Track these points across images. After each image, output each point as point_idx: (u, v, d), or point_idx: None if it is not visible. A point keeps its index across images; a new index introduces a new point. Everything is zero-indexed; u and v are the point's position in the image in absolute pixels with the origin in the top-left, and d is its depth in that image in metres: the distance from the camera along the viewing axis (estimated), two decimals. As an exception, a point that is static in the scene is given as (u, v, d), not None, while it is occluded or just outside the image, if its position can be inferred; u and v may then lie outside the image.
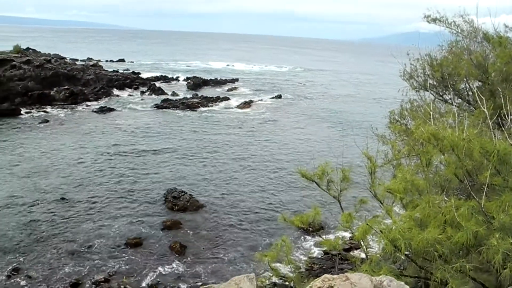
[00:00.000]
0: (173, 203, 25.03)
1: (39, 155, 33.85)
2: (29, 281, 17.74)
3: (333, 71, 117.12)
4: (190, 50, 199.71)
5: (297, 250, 20.61)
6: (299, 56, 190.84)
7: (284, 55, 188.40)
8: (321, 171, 9.53)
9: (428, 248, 5.71)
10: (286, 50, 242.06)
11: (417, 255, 6.26)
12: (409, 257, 6.59)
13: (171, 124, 46.86)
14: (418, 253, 6.10)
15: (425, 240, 5.58)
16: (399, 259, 8.24)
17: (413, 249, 5.88)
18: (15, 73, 57.14)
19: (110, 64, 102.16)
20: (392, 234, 5.88)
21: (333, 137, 43.39)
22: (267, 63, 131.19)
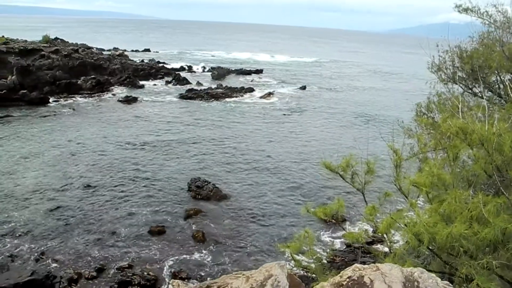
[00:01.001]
0: (196, 192, 25.25)
1: (66, 143, 34.58)
2: (56, 264, 18.22)
3: (359, 63, 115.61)
4: (214, 40, 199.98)
5: (319, 242, 20.56)
6: (325, 47, 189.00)
7: (310, 46, 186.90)
8: (346, 163, 9.44)
9: (453, 244, 5.61)
10: (311, 41, 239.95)
11: (441, 250, 6.16)
12: (433, 251, 6.49)
13: (195, 114, 47.14)
14: (443, 248, 6.00)
15: (450, 235, 5.48)
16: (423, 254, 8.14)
17: (438, 244, 5.79)
18: (44, 62, 58.38)
19: (136, 54, 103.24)
20: (416, 228, 5.80)
21: (358, 129, 42.94)
22: (292, 54, 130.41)
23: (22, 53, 59.33)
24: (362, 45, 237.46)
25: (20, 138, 35.48)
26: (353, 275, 4.60)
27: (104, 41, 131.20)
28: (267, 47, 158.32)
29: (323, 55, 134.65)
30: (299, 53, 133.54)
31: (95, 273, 17.62)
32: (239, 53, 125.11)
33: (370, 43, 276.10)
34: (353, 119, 47.72)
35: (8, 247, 19.37)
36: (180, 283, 5.01)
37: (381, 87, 74.24)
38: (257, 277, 4.51)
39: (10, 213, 22.50)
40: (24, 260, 18.44)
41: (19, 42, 66.32)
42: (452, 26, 12.67)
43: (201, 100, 55.08)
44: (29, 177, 27.35)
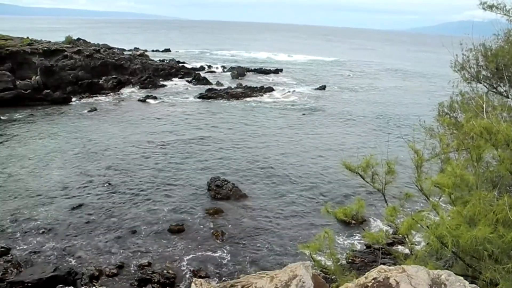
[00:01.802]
0: (216, 192, 25.34)
1: (87, 142, 35.12)
2: (79, 261, 18.51)
3: (380, 62, 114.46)
4: (234, 40, 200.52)
5: (339, 242, 20.42)
6: (344, 46, 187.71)
7: (329, 46, 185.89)
8: (366, 164, 9.35)
9: (477, 247, 5.49)
10: (331, 41, 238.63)
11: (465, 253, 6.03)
12: (456, 254, 6.37)
13: (215, 113, 47.34)
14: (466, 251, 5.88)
15: (474, 238, 5.37)
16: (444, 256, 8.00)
17: (461, 247, 5.67)
18: (67, 62, 59.41)
19: (156, 54, 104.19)
20: (439, 230, 5.69)
21: (378, 129, 42.52)
22: (311, 53, 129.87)
23: (46, 54, 60.48)
24: (382, 44, 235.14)
25: (43, 137, 36.18)
26: (379, 277, 4.54)
27: (125, 41, 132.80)
28: (286, 47, 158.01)
29: (342, 54, 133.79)
30: (318, 53, 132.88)
31: (116, 270, 17.83)
32: (259, 53, 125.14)
33: (391, 42, 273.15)
34: (373, 119, 47.25)
35: (32, 243, 19.77)
36: (203, 282, 5.01)
37: (402, 87, 73.36)
38: (281, 277, 4.49)
39: (34, 210, 22.97)
40: (47, 256, 18.79)
41: (43, 43, 67.60)
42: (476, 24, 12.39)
43: (221, 99, 55.30)
44: (52, 175, 27.85)
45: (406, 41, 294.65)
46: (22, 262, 18.07)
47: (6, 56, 56.82)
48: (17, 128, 38.61)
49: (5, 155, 31.28)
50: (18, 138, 35.76)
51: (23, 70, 56.69)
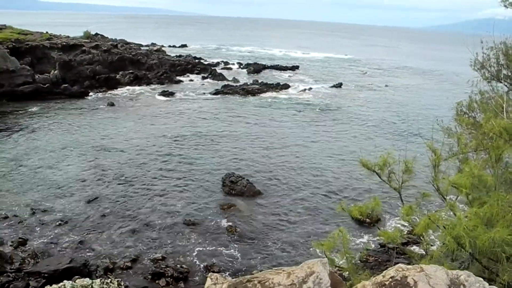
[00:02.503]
0: (230, 188, 25.41)
1: (103, 136, 35.49)
2: (93, 253, 18.75)
3: (398, 60, 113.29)
4: (251, 36, 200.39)
5: (353, 241, 20.31)
6: (361, 44, 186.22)
7: (346, 43, 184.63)
8: (383, 162, 9.28)
9: (495, 248, 5.42)
10: (348, 38, 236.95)
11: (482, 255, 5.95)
12: (473, 256, 6.29)
13: (231, 109, 47.41)
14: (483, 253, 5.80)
15: (492, 239, 5.29)
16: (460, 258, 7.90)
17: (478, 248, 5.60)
18: (85, 57, 60.08)
19: (173, 49, 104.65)
20: (456, 230, 5.62)
21: (396, 128, 42.11)
22: (328, 50, 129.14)
23: (64, 49, 61.29)
24: (399, 41, 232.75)
25: (60, 131, 36.66)
26: (396, 275, 4.50)
27: (142, 36, 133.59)
28: (303, 44, 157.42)
29: (359, 52, 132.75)
30: (334, 50, 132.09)
31: (130, 264, 18.02)
32: (275, 49, 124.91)
33: (409, 39, 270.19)
34: (390, 117, 46.81)
35: (49, 235, 20.09)
36: (218, 277, 5.02)
37: (420, 85, 72.54)
38: (298, 274, 4.47)
39: (51, 202, 23.32)
40: (63, 248, 19.07)
41: (62, 38, 68.46)
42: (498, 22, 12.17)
43: (237, 96, 55.33)
44: (69, 168, 28.23)
45: (425, 39, 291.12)
46: (39, 253, 18.37)
47: (26, 51, 57.73)
48: (36, 121, 39.21)
49: (23, 148, 31.80)
50: (37, 131, 36.32)
51: (42, 64, 57.58)
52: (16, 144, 32.57)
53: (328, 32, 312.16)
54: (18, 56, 52.83)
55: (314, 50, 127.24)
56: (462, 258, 7.74)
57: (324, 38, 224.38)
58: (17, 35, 62.68)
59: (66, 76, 54.18)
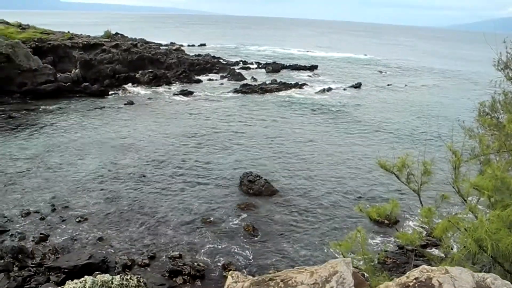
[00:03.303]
0: (248, 187, 25.43)
1: (123, 134, 35.90)
2: (112, 250, 18.97)
3: (418, 60, 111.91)
4: (269, 35, 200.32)
5: (370, 242, 20.15)
6: (382, 43, 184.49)
7: (365, 42, 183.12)
8: (401, 163, 9.19)
9: (518, 252, 5.31)
10: (369, 37, 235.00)
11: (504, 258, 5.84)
12: (495, 259, 6.18)
13: (249, 109, 47.47)
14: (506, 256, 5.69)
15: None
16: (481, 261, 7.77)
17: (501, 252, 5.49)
18: (105, 56, 60.85)
19: (192, 49, 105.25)
20: (477, 233, 5.53)
21: (415, 128, 41.57)
22: (348, 50, 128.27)
23: (85, 48, 62.15)
24: (419, 41, 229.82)
25: (81, 129, 37.21)
26: (421, 277, 4.44)
27: (161, 35, 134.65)
28: (322, 43, 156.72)
29: (378, 51, 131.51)
30: (353, 49, 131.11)
31: (148, 261, 18.18)
32: (294, 49, 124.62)
33: (429, 39, 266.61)
34: (409, 118, 46.27)
35: (69, 231, 20.41)
36: (239, 275, 5.03)
37: (440, 85, 71.56)
38: (321, 273, 4.45)
39: (71, 199, 23.69)
40: (83, 244, 19.35)
41: (83, 37, 69.44)
42: (522, 21, 11.90)
43: (255, 95, 55.37)
44: (89, 166, 28.63)
45: (446, 38, 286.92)
46: (59, 249, 18.67)
47: (48, 50, 58.79)
48: (57, 119, 39.89)
49: (45, 145, 32.39)
50: (58, 128, 36.95)
51: (64, 63, 58.56)
52: (38, 141, 33.18)
53: (347, 31, 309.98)
54: (40, 55, 53.81)
55: (333, 50, 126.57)
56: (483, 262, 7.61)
57: (343, 37, 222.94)
58: (40, 35, 63.83)
59: (86, 75, 54.97)
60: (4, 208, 22.29)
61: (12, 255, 17.20)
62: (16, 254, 17.32)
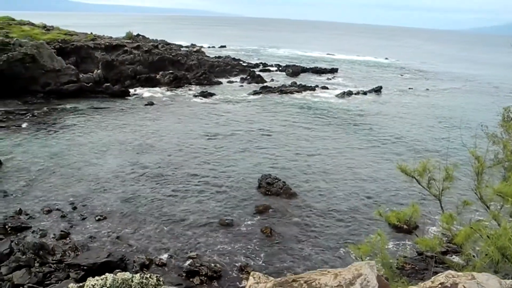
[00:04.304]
0: (266, 189, 25.41)
1: (142, 134, 36.28)
2: (129, 249, 19.17)
3: (439, 64, 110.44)
4: (290, 38, 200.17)
5: (389, 247, 19.92)
6: (402, 47, 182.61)
7: (385, 46, 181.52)
8: (422, 168, 9.09)
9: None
10: (389, 41, 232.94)
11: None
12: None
13: (268, 111, 47.49)
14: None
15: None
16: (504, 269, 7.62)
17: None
18: (126, 57, 61.69)
19: (212, 50, 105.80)
20: (500, 241, 5.42)
21: (437, 133, 40.97)
22: (368, 53, 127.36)
23: (107, 49, 63.16)
24: (440, 44, 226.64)
25: (101, 128, 37.74)
26: (446, 282, 4.36)
27: (182, 37, 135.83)
28: (342, 46, 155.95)
29: (398, 55, 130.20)
30: (373, 53, 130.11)
31: (165, 261, 18.30)
32: (313, 51, 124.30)
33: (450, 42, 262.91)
34: (431, 122, 45.64)
35: (89, 229, 20.70)
36: (261, 276, 5.02)
37: (462, 89, 70.46)
38: (345, 275, 4.41)
39: (91, 197, 24.03)
40: (101, 242, 19.59)
41: (105, 38, 70.54)
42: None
43: (275, 97, 55.36)
44: (108, 165, 29.00)
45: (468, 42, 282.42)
46: (79, 246, 18.94)
47: (71, 51, 59.89)
48: (79, 119, 40.53)
49: (66, 144, 32.93)
50: (79, 128, 37.54)
51: (86, 64, 59.55)
52: (60, 140, 33.76)
53: (367, 34, 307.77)
54: (64, 56, 54.85)
55: (353, 53, 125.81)
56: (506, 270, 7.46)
57: (363, 40, 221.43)
58: (64, 36, 65.06)
59: (108, 75, 55.75)
60: (27, 205, 22.73)
61: (34, 251, 17.52)
62: (38, 250, 17.65)
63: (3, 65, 46.68)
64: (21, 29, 63.85)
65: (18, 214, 21.57)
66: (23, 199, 23.54)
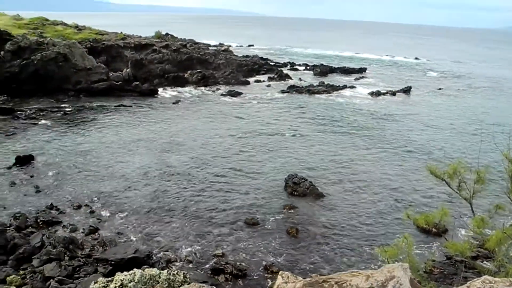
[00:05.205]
0: (293, 189, 25.32)
1: (170, 133, 36.72)
2: (156, 245, 19.43)
3: (471, 64, 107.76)
4: (317, 37, 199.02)
5: (416, 251, 19.57)
6: (433, 46, 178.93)
7: (415, 45, 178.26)
8: (453, 170, 8.88)
9: None
10: (417, 39, 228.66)
11: None
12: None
13: (295, 110, 47.33)
14: None
15: None
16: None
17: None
18: (155, 56, 62.50)
19: (240, 49, 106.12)
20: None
21: (468, 135, 39.94)
22: (398, 53, 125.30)
23: (136, 48, 64.16)
24: (473, 43, 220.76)
25: (130, 126, 38.38)
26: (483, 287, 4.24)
27: (210, 36, 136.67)
28: (371, 45, 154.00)
29: (429, 54, 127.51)
30: (403, 52, 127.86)
31: (191, 258, 18.48)
32: (342, 51, 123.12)
33: (483, 41, 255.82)
34: (462, 124, 44.53)
35: (116, 225, 21.10)
36: (290, 275, 5.00)
37: (496, 90, 68.50)
38: (378, 277, 4.34)
39: (120, 194, 24.48)
40: (129, 238, 19.93)
41: (134, 38, 71.70)
42: None
43: (302, 97, 55.15)
44: (137, 163, 29.45)
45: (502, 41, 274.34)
46: (107, 241, 19.31)
47: (102, 50, 61.10)
48: (108, 117, 41.34)
49: (96, 141, 33.64)
50: (108, 125, 38.28)
51: (116, 62, 60.66)
52: (90, 138, 34.50)
53: (398, 33, 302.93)
54: (94, 55, 56.02)
55: (382, 52, 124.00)
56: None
57: (393, 39, 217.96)
58: (95, 35, 66.47)
59: (137, 74, 56.63)
60: (57, 200, 23.33)
61: (64, 245, 17.96)
62: (68, 245, 18.09)
63: (38, 64, 48.03)
64: (54, 29, 65.66)
65: (50, 209, 22.18)
66: (54, 194, 24.18)
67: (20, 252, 17.52)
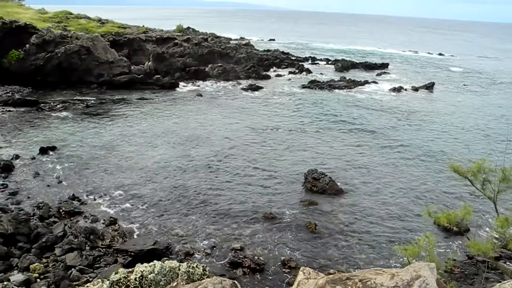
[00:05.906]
0: (312, 184, 25.18)
1: (191, 126, 36.91)
2: (176, 237, 19.60)
3: (498, 58, 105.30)
4: (340, 32, 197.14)
5: (437, 249, 19.28)
6: (459, 41, 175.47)
7: (439, 40, 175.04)
8: (477, 168, 8.69)
9: None
10: (441, 34, 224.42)
11: None
12: None
13: (316, 105, 47.04)
14: None
15: None
16: None
17: None
18: (177, 50, 62.80)
19: (261, 44, 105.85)
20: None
21: (493, 133, 39.10)
22: (420, 47, 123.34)
23: (158, 41, 64.54)
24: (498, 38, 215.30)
25: (152, 119, 38.73)
26: None
27: (231, 30, 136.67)
28: (393, 40, 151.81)
29: (453, 49, 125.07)
30: (426, 47, 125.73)
31: (210, 251, 18.59)
32: (364, 46, 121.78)
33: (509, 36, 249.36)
34: (487, 122, 43.60)
35: (137, 217, 21.35)
36: (311, 271, 4.96)
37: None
38: (403, 276, 4.26)
39: (139, 186, 24.74)
40: (148, 230, 20.15)
41: (156, 31, 72.11)
42: None
43: (323, 92, 54.80)
44: (158, 156, 29.72)
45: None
46: (127, 233, 19.58)
47: (124, 43, 61.68)
48: (129, 109, 41.78)
49: (117, 133, 34.04)
50: (129, 118, 38.70)
51: (138, 56, 61.19)
52: (111, 130, 34.94)
53: (419, 28, 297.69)
54: (116, 48, 56.59)
55: (406, 47, 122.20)
56: None
57: (418, 34, 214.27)
58: (117, 29, 67.10)
59: (158, 67, 57.05)
60: (79, 191, 23.72)
61: (85, 235, 18.28)
62: (89, 235, 18.39)
63: (61, 57, 48.78)
64: (78, 22, 66.53)
65: (72, 199, 22.58)
66: (76, 185, 24.59)
67: (43, 241, 17.90)
